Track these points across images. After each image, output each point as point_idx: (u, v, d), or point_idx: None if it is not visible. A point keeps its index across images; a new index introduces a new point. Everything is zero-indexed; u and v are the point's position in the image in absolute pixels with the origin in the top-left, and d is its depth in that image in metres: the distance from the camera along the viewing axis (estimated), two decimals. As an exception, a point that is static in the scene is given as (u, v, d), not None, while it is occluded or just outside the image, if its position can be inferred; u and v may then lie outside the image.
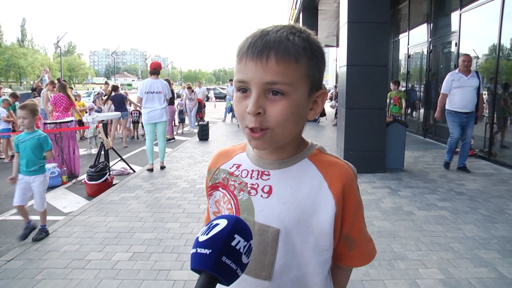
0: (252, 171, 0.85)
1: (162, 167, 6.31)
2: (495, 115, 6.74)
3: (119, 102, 9.44)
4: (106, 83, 14.47)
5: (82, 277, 2.74)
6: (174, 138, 10.63)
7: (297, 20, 16.15)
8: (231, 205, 0.86)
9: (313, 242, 0.81)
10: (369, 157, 5.79)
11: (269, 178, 0.83)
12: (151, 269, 2.86)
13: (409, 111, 8.61)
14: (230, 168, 0.89)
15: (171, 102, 10.57)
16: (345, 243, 0.85)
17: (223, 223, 0.61)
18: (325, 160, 0.84)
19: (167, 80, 10.12)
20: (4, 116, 7.95)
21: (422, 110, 9.97)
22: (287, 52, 0.72)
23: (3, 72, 62.40)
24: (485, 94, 7.38)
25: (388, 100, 8.17)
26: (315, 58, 0.76)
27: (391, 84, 8.71)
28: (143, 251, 3.17)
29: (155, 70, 6.18)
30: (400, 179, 5.45)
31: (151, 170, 6.14)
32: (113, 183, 5.53)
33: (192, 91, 12.65)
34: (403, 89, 10.48)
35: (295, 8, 16.39)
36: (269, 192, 0.82)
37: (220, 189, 0.90)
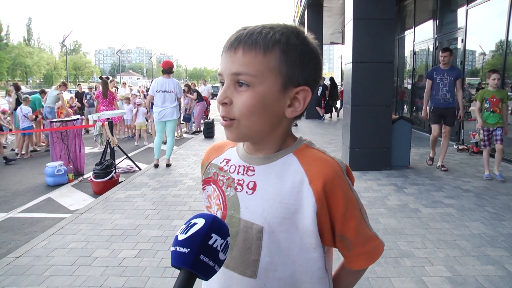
0: (239, 166, 0.84)
1: (168, 165, 6.34)
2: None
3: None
4: (112, 81, 14.62)
5: (89, 274, 2.77)
6: (200, 130, 11.56)
7: (302, 17, 16.10)
8: (219, 200, 0.85)
9: (299, 240, 0.78)
10: (375, 155, 5.77)
11: (254, 174, 0.81)
12: (157, 266, 2.88)
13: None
14: (220, 163, 0.89)
15: (201, 98, 11.47)
16: (342, 243, 0.80)
17: (200, 222, 0.63)
18: (309, 155, 0.80)
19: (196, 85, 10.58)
20: (31, 114, 8.21)
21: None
22: (254, 44, 0.72)
23: (9, 71, 62.90)
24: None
25: (479, 103, 5.24)
26: (292, 53, 0.74)
27: (490, 77, 5.13)
28: (149, 249, 3.19)
29: (168, 69, 6.23)
30: (406, 176, 5.42)
31: (156, 166, 6.20)
32: (119, 180, 5.57)
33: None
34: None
35: (300, 6, 16.33)
36: (254, 188, 0.80)
37: (211, 183, 0.89)
